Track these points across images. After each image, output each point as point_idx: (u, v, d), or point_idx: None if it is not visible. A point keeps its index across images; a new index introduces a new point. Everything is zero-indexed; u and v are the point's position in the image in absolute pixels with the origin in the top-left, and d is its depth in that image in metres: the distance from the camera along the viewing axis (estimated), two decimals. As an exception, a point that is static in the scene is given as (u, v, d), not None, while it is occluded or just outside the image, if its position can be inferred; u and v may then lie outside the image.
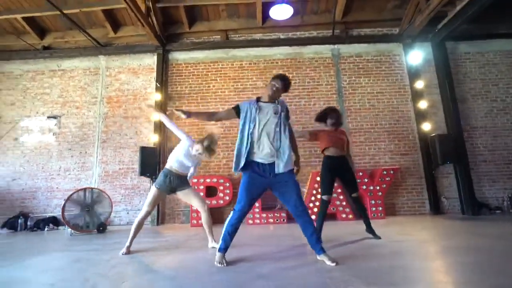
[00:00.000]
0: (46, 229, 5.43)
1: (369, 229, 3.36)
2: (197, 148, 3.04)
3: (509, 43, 6.40)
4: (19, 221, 5.51)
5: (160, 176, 3.16)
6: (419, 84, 6.11)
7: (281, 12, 4.72)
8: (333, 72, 6.39)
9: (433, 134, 5.64)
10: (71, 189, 5.62)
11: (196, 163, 3.30)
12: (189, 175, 3.31)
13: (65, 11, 5.62)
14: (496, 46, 6.42)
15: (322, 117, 3.59)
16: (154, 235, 4.46)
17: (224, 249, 2.40)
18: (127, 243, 3.03)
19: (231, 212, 2.44)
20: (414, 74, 6.19)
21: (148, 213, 3.09)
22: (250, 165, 2.38)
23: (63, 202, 4.75)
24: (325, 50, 6.50)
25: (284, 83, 2.57)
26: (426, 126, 5.90)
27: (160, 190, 3.12)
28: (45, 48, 6.61)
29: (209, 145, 3.02)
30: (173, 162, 3.16)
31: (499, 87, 6.26)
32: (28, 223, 5.62)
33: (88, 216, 4.85)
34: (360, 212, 3.43)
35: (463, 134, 5.75)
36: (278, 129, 2.41)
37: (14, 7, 5.89)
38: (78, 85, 6.51)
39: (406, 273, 1.99)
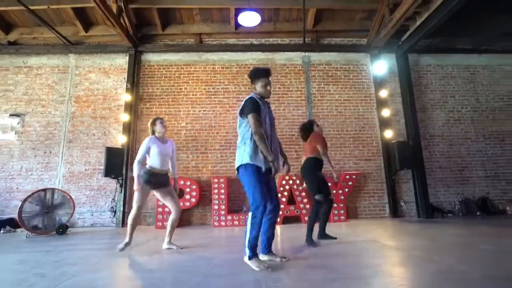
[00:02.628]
0: (2, 231, 5.22)
1: (323, 234, 3.47)
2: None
3: (466, 58, 6.86)
4: (-26, 222, 5.28)
5: (144, 175, 3.12)
6: (383, 93, 6.42)
7: (249, 19, 4.84)
8: (303, 79, 6.60)
9: (393, 141, 5.94)
10: (32, 190, 5.42)
11: (171, 154, 3.33)
12: (173, 173, 3.40)
13: (32, 7, 5.49)
14: (455, 60, 6.87)
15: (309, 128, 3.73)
16: (114, 236, 4.43)
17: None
18: (126, 239, 3.06)
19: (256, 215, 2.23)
20: (379, 84, 6.50)
21: (140, 208, 3.08)
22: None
23: (20, 204, 4.61)
24: (296, 57, 6.70)
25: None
26: (389, 133, 6.20)
27: (146, 185, 3.09)
28: (11, 43, 6.41)
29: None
30: (151, 162, 3.18)
31: (456, 98, 6.69)
32: (-16, 224, 5.38)
33: (48, 218, 4.73)
34: (325, 215, 3.48)
35: (421, 142, 6.09)
36: (272, 129, 2.48)
37: (-23, 0, 5.69)
38: (45, 83, 6.35)
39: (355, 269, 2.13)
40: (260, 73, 2.45)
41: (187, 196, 5.49)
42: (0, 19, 6.10)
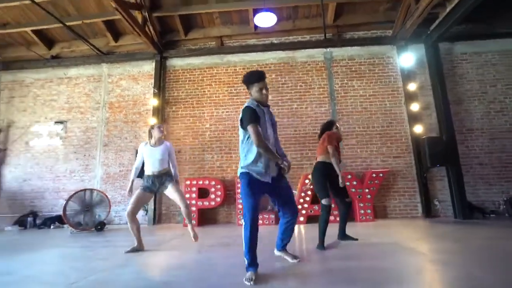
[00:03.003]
0: (52, 227, 5.84)
1: (344, 235, 3.41)
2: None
3: (508, 42, 6.23)
4: (29, 219, 5.96)
5: (143, 180, 3.38)
6: (412, 86, 6.07)
7: (265, 20, 4.86)
8: (325, 76, 6.46)
9: (423, 137, 5.61)
10: (75, 190, 5.98)
11: (165, 156, 3.44)
12: (173, 174, 3.50)
13: (68, 23, 6.01)
14: (495, 45, 6.27)
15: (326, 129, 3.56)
16: (144, 234, 4.71)
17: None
18: (135, 245, 3.22)
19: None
20: (407, 76, 6.15)
21: (132, 210, 3.24)
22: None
23: (64, 202, 5.12)
24: (318, 53, 6.58)
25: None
26: (419, 129, 5.86)
27: (144, 191, 3.31)
28: (53, 57, 7.07)
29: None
30: (145, 167, 3.39)
31: (497, 88, 6.11)
32: (37, 221, 6.06)
33: (88, 215, 5.19)
34: (343, 216, 3.43)
35: (455, 136, 5.66)
36: (274, 134, 2.38)
37: (24, 21, 6.36)
38: (83, 92, 6.92)
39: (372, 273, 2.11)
40: (253, 78, 2.25)
41: (212, 196, 5.68)
42: (43, 36, 6.76)
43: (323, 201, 3.09)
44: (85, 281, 2.10)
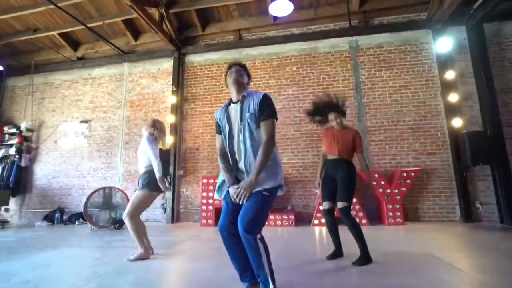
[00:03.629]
0: (76, 223, 6.02)
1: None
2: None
3: None
4: (56, 215, 6.21)
5: (154, 179, 2.92)
6: (450, 74, 5.40)
7: (281, 8, 4.52)
8: (350, 67, 5.98)
9: (464, 131, 4.96)
10: (98, 187, 6.14)
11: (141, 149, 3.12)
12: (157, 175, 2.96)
13: (90, 25, 6.13)
14: (554, 24, 5.38)
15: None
16: (162, 233, 4.66)
17: None
18: (141, 250, 2.88)
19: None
20: (444, 63, 5.49)
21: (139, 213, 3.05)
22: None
23: (85, 200, 5.23)
24: (342, 43, 6.10)
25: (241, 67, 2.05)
26: (458, 122, 5.20)
27: (152, 192, 2.99)
28: (79, 59, 7.30)
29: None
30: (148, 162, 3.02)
31: (556, 73, 5.25)
32: (64, 217, 6.30)
33: (107, 213, 5.26)
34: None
35: (502, 131, 4.94)
36: (241, 136, 1.82)
37: (51, 25, 6.61)
38: (106, 91, 7.07)
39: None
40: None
41: (229, 195, 5.49)
42: (69, 39, 6.99)
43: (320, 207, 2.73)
44: (79, 288, 1.99)
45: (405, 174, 4.98)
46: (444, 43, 5.42)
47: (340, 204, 2.65)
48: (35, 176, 6.98)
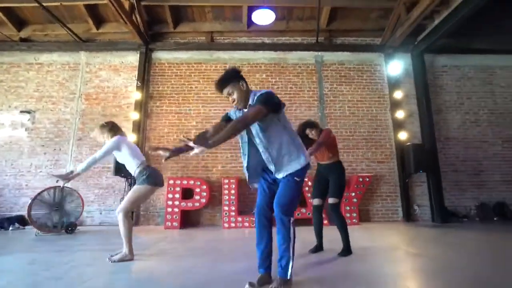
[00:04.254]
0: (10, 228, 5.19)
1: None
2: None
3: (484, 58, 6.67)
4: (-17, 219, 5.25)
5: (148, 171, 2.85)
6: (398, 94, 6.27)
7: (263, 17, 4.74)
8: (315, 79, 6.48)
9: (408, 144, 5.80)
10: (41, 187, 5.37)
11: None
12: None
13: (45, 4, 5.45)
14: (472, 61, 6.68)
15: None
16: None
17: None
18: (126, 251, 2.75)
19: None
20: (393, 84, 6.35)
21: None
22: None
23: (30, 201, 4.57)
24: (309, 56, 6.58)
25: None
26: (403, 135, 6.06)
27: (153, 187, 2.87)
28: (22, 40, 6.39)
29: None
30: (140, 155, 3.00)
31: (472, 100, 6.51)
32: (-7, 221, 5.36)
33: (57, 216, 4.68)
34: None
35: (436, 144, 5.92)
36: (257, 139, 1.95)
37: (-10, -4, 5.68)
38: (56, 80, 6.32)
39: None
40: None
41: (197, 197, 5.40)
42: (13, 15, 6.08)
43: (337, 201, 2.96)
44: (71, 290, 1.81)
45: (361, 179, 5.57)
46: (394, 67, 6.29)
47: (332, 200, 2.93)
48: (-46, 173, 5.81)
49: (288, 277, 1.81)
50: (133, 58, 6.40)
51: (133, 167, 2.86)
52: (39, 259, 2.76)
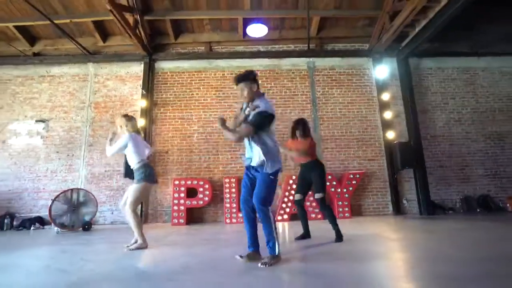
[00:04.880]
0: (32, 228, 5.68)
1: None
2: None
3: (466, 60, 7.11)
4: (5, 220, 5.74)
5: (147, 170, 3.27)
6: (385, 96, 6.71)
7: (256, 31, 5.20)
8: (308, 83, 6.93)
9: (395, 142, 6.24)
10: (57, 190, 5.88)
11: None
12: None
13: (56, 21, 5.95)
14: (455, 63, 7.12)
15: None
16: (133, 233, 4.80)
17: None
18: (140, 241, 3.16)
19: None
20: (381, 87, 6.79)
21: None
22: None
23: (50, 202, 5.05)
24: (301, 62, 7.04)
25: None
26: (391, 134, 6.50)
27: (151, 184, 3.32)
28: (35, 54, 6.89)
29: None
30: (144, 154, 3.37)
31: (456, 100, 6.95)
32: (14, 222, 5.85)
33: (74, 215, 5.16)
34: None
35: (421, 142, 6.36)
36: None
37: (6, 16, 6.17)
38: (67, 91, 6.81)
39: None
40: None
41: (200, 195, 5.87)
42: (26, 32, 6.58)
43: (322, 195, 3.37)
44: (103, 269, 2.27)
45: (352, 176, 6.01)
46: (381, 71, 6.73)
47: (318, 195, 3.36)
48: (-24, 179, 6.31)
49: (277, 253, 2.27)
50: (137, 68, 6.88)
51: (133, 162, 3.31)
52: (68, 249, 3.23)
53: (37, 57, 6.86)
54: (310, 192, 3.67)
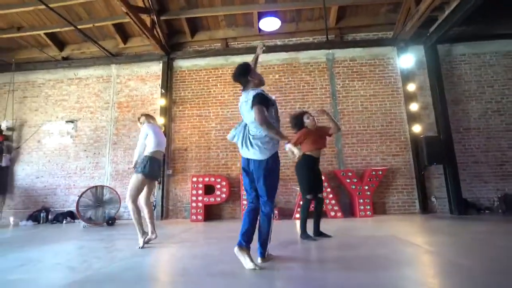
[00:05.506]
0: (64, 222, 6.10)
1: (318, 232, 3.46)
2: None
3: (506, 44, 6.40)
4: (42, 214, 6.22)
5: (149, 164, 3.30)
6: (411, 87, 6.26)
7: (270, 24, 5.06)
8: (327, 76, 6.66)
9: (422, 136, 5.81)
10: (86, 186, 6.26)
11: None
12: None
13: (80, 26, 6.25)
14: (493, 47, 6.44)
15: (298, 122, 3.65)
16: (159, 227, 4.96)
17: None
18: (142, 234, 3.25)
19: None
20: (406, 77, 6.34)
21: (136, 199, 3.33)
22: None
23: (77, 198, 5.38)
24: (320, 55, 6.77)
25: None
26: (417, 128, 6.06)
27: (146, 178, 3.30)
28: (64, 58, 7.31)
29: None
30: (156, 146, 3.41)
31: (495, 88, 6.29)
32: (49, 216, 6.32)
33: (99, 211, 5.45)
34: (317, 213, 3.51)
35: (452, 136, 5.86)
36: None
37: (37, 24, 6.60)
38: (93, 92, 7.17)
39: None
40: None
41: (218, 192, 5.92)
42: (55, 38, 7.00)
43: (308, 196, 3.32)
44: (108, 268, 2.35)
45: (374, 172, 5.71)
46: (406, 60, 6.27)
47: (322, 195, 3.25)
48: (16, 176, 6.90)
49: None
50: (156, 68, 7.05)
51: (145, 151, 3.40)
52: (86, 245, 3.41)
53: (66, 61, 7.28)
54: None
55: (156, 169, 3.44)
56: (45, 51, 7.10)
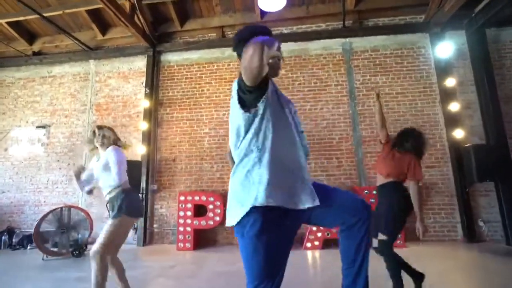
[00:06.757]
0: (28, 247, 5.10)
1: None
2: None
3: None
4: (3, 237, 5.25)
5: (136, 201, 2.39)
6: (450, 82, 5.05)
7: (272, 4, 3.92)
8: (343, 71, 5.50)
9: (467, 144, 4.59)
10: (58, 203, 5.28)
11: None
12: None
13: (47, 14, 5.24)
14: (552, 31, 5.18)
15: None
16: (134, 258, 3.91)
17: None
18: None
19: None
20: (443, 70, 5.14)
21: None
22: None
23: (36, 222, 4.36)
24: (335, 44, 5.61)
25: None
26: (459, 133, 4.85)
27: (133, 218, 2.32)
28: (35, 54, 6.32)
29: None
30: (125, 177, 2.40)
31: (558, 83, 5.04)
32: (14, 239, 5.33)
33: (64, 238, 4.41)
34: None
35: (507, 143, 4.63)
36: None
37: (-1, 13, 5.61)
38: (68, 92, 6.16)
39: None
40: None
41: (211, 214, 4.82)
42: (23, 30, 6.01)
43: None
44: None
45: (405, 190, 4.53)
46: (444, 48, 5.05)
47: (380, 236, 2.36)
48: (-21, 191, 5.94)
49: None
50: (141, 63, 5.99)
51: (111, 185, 2.31)
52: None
53: (37, 56, 6.27)
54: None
55: (138, 201, 2.44)
56: (12, 45, 6.10)
